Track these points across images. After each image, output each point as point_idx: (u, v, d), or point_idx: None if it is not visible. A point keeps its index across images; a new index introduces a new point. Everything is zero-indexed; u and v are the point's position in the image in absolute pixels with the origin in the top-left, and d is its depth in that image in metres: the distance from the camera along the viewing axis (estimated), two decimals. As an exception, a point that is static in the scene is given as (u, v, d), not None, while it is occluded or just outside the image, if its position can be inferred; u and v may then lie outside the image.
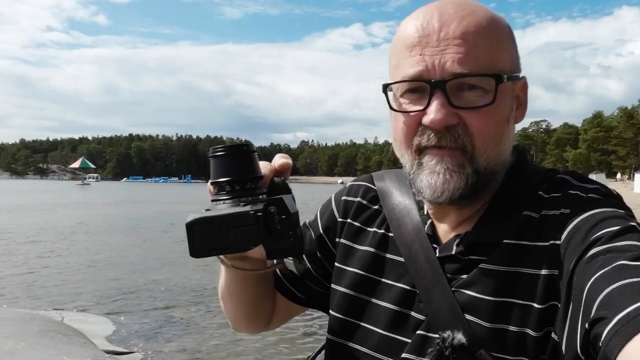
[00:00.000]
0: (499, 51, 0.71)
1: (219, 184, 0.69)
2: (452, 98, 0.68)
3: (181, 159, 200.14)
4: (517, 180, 0.76)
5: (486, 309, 0.69)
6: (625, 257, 0.56)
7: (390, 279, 0.80)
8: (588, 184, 0.73)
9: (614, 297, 0.52)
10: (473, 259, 0.73)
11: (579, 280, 0.59)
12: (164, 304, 7.73)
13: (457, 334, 0.68)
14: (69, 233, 16.20)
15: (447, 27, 0.69)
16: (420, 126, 0.71)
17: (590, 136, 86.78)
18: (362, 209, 0.88)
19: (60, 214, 23.24)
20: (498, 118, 0.71)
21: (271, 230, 0.66)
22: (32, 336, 4.89)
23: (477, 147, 0.70)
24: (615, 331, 0.49)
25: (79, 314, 7.04)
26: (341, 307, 0.84)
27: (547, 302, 0.66)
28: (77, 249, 12.89)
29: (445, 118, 0.68)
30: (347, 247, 0.87)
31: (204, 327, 6.57)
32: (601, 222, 0.63)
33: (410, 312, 0.76)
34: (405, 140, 0.73)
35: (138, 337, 6.15)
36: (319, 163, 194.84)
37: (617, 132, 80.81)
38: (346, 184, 0.95)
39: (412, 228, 0.80)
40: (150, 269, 10.45)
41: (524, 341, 0.67)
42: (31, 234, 15.80)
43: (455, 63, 0.67)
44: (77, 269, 10.29)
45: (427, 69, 0.68)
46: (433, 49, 0.68)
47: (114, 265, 10.78)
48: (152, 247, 13.28)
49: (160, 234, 16.10)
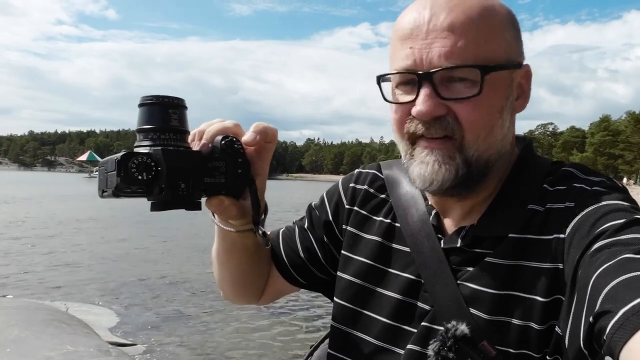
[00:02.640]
0: (490, 41, 0.70)
1: (140, 130, 0.69)
2: (441, 89, 0.69)
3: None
4: (523, 172, 0.76)
5: (490, 303, 0.69)
6: (630, 250, 0.56)
7: (396, 269, 0.80)
8: (594, 177, 0.72)
9: (619, 290, 0.52)
10: (478, 252, 0.73)
11: (584, 273, 0.59)
12: (168, 297, 7.76)
13: (460, 325, 0.68)
14: (75, 225, 16.29)
15: (436, 18, 0.69)
16: (410, 116, 0.72)
17: (597, 140, 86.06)
18: (369, 197, 0.89)
19: (66, 206, 23.38)
20: (488, 108, 0.70)
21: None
22: (36, 325, 4.92)
23: (467, 138, 0.70)
24: (621, 324, 0.49)
25: (84, 305, 7.08)
26: (347, 295, 0.84)
27: (551, 296, 0.66)
28: (83, 241, 12.95)
29: (431, 109, 0.69)
30: (353, 234, 0.87)
31: (207, 321, 6.59)
32: (606, 215, 0.63)
33: (416, 301, 0.77)
34: (398, 129, 0.75)
35: (141, 329, 6.18)
36: (325, 161, 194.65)
37: (625, 137, 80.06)
38: (354, 171, 0.95)
39: (418, 218, 0.80)
40: (156, 262, 10.49)
41: (527, 335, 0.67)
42: (37, 225, 15.90)
43: (441, 57, 0.68)
44: (82, 260, 10.35)
45: (415, 62, 0.70)
46: (422, 41, 0.70)
47: (120, 257, 10.82)
48: (158, 240, 13.32)
49: (167, 228, 16.15)
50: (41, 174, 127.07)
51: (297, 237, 0.95)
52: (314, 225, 0.94)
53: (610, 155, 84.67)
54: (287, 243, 0.95)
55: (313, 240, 0.93)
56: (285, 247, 0.95)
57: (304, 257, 0.93)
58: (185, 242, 13.03)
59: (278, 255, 0.95)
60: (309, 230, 0.95)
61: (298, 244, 0.94)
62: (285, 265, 0.94)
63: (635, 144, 78.22)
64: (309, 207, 0.97)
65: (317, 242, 0.92)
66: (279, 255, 0.95)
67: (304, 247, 0.93)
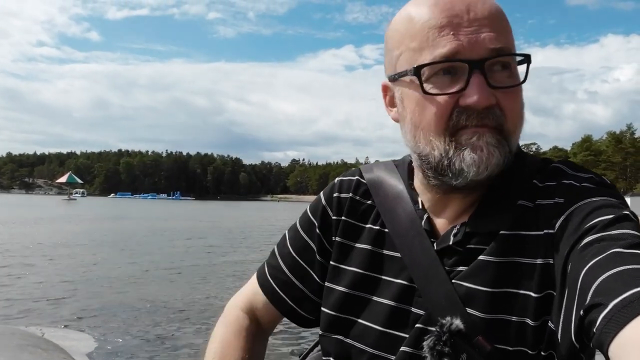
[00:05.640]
0: (511, 31, 0.73)
1: None
2: (489, 78, 0.68)
3: (170, 176, 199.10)
4: (513, 169, 0.75)
5: (485, 301, 0.68)
6: (619, 245, 0.56)
7: (389, 276, 0.78)
8: (582, 173, 0.73)
9: (609, 283, 0.52)
10: (470, 250, 0.72)
11: (574, 268, 0.59)
12: (148, 320, 7.56)
13: (455, 320, 0.66)
14: (51, 248, 15.90)
15: (474, 7, 0.68)
16: (458, 108, 0.68)
17: (580, 159, 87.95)
18: (355, 204, 0.86)
19: (43, 230, 22.85)
20: (522, 99, 0.72)
21: None
22: (10, 351, 4.73)
23: (508, 128, 0.70)
24: (611, 316, 0.49)
25: (60, 330, 6.85)
26: (339, 305, 0.81)
27: (543, 291, 0.65)
28: (60, 264, 12.62)
29: (487, 97, 0.67)
30: (343, 245, 0.84)
31: (187, 344, 6.42)
32: (595, 211, 0.63)
33: (410, 307, 0.75)
34: (439, 124, 0.69)
35: (121, 354, 5.98)
36: (310, 182, 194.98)
37: (606, 156, 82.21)
38: (335, 180, 0.92)
39: (406, 218, 0.79)
40: (134, 284, 10.25)
41: (523, 331, 0.66)
42: (13, 248, 15.48)
43: (492, 40, 0.67)
44: (58, 284, 10.06)
45: (463, 47, 0.67)
46: (466, 28, 0.67)
47: (97, 280, 10.56)
48: (137, 263, 13.06)
49: (147, 250, 15.88)
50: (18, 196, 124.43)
51: (285, 269, 0.90)
52: (304, 248, 0.89)
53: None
54: (280, 281, 0.90)
55: (307, 264, 0.88)
56: (282, 287, 0.90)
57: (302, 288, 0.88)
58: (166, 265, 12.81)
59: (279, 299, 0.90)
60: (297, 255, 0.89)
61: (291, 276, 0.89)
62: (289, 305, 0.90)
63: (617, 163, 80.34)
64: (293, 229, 0.92)
65: (310, 266, 0.88)
66: (281, 298, 0.90)
67: (299, 276, 0.88)
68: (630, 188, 70.08)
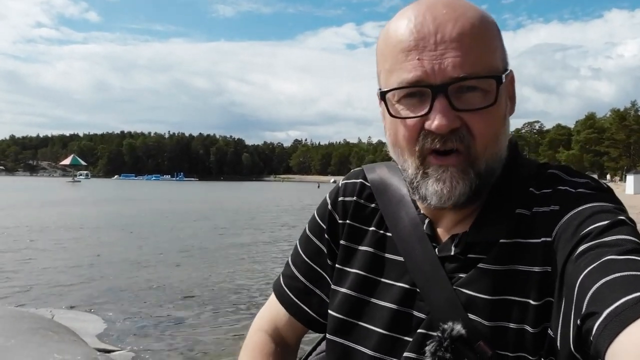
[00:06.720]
0: (493, 50, 0.71)
1: None
2: (454, 101, 0.68)
3: (173, 157, 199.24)
4: (511, 177, 0.76)
5: (486, 308, 0.69)
6: (614, 252, 0.57)
7: (390, 279, 0.80)
8: (578, 178, 0.73)
9: (602, 291, 0.53)
10: (471, 258, 0.73)
11: (570, 276, 0.60)
12: (155, 302, 7.67)
13: (456, 325, 0.68)
14: (58, 231, 16.05)
15: (442, 29, 0.67)
16: (423, 131, 0.70)
17: (583, 137, 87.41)
18: (359, 208, 0.88)
19: (50, 212, 23.02)
20: (497, 118, 0.71)
21: None
22: (22, 334, 4.83)
23: (477, 149, 0.70)
24: (605, 325, 0.50)
25: (70, 312, 6.98)
26: (342, 307, 0.83)
27: (542, 299, 0.67)
28: (67, 247, 12.76)
29: (450, 122, 0.67)
30: (348, 248, 0.86)
31: (195, 325, 6.53)
32: (590, 217, 0.64)
33: (412, 311, 0.76)
34: (408, 146, 0.72)
35: (129, 335, 6.10)
36: (312, 162, 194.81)
37: (610, 134, 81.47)
38: (339, 183, 0.94)
39: (409, 222, 0.80)
40: (142, 267, 10.37)
41: (523, 338, 0.67)
42: (20, 232, 15.63)
43: (456, 67, 0.66)
44: (67, 266, 10.20)
45: (426, 73, 0.67)
46: (431, 52, 0.67)
47: (105, 263, 10.69)
48: (144, 245, 13.18)
49: (154, 232, 16.00)
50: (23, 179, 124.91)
51: (300, 276, 0.91)
52: (316, 252, 0.91)
53: (596, 152, 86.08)
54: (297, 290, 0.91)
55: (323, 270, 0.89)
56: (299, 296, 0.91)
57: (318, 293, 0.89)
58: (174, 248, 12.94)
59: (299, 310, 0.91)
60: (310, 260, 0.91)
61: (306, 282, 0.91)
62: (313, 318, 0.90)
63: (620, 140, 79.68)
64: (304, 236, 0.93)
65: (326, 271, 0.89)
66: (300, 309, 0.91)
67: (313, 280, 0.90)
68: (634, 165, 69.61)
